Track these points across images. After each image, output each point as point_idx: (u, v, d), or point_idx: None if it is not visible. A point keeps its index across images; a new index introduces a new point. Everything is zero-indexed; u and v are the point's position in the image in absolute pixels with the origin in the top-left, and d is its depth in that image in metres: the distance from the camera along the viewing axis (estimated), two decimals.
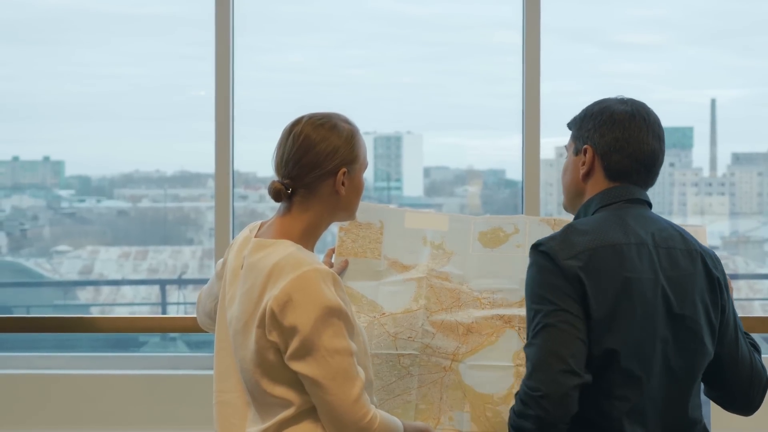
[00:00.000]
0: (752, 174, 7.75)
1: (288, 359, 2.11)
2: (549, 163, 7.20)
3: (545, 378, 2.01)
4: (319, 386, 2.10)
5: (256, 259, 2.18)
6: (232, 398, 2.27)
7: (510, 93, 3.94)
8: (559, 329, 2.03)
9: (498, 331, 2.70)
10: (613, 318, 2.06)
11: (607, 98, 2.29)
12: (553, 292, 2.07)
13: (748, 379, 2.26)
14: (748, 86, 6.20)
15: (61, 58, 6.25)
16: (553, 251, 2.09)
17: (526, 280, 2.16)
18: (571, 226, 2.18)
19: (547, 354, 2.02)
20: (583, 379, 2.02)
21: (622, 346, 2.06)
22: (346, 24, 5.84)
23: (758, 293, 7.07)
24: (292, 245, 2.18)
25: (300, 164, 2.22)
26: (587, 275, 2.06)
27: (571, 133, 2.32)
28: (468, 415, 2.65)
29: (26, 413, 3.80)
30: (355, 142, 2.26)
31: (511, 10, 3.89)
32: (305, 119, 2.26)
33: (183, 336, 5.82)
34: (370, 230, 2.78)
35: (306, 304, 2.09)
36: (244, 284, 2.19)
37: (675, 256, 2.15)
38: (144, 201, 8.11)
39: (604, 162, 2.22)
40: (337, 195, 2.24)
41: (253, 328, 2.14)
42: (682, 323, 2.13)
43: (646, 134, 2.22)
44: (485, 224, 2.80)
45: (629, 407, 2.08)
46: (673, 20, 5.72)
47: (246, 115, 4.09)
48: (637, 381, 2.08)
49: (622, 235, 2.12)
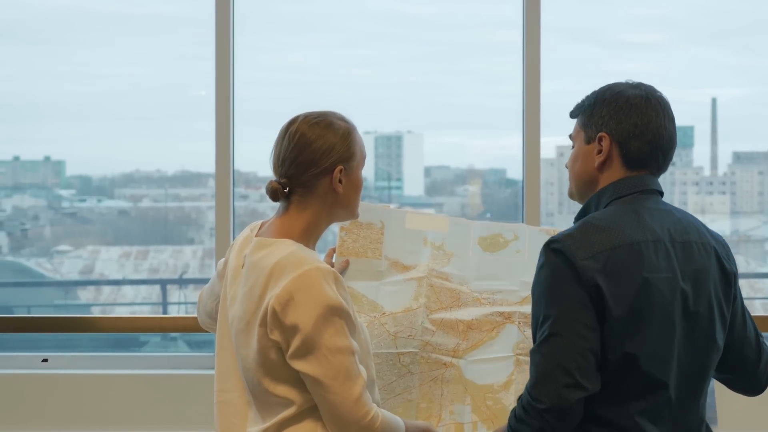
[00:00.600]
0: (753, 173, 7.74)
1: (290, 358, 2.11)
2: (549, 162, 7.20)
3: (549, 391, 1.97)
4: (321, 385, 2.10)
5: (258, 258, 2.18)
6: (232, 398, 2.26)
7: (511, 92, 3.94)
8: (566, 339, 1.98)
9: (498, 327, 2.71)
10: (632, 321, 2.01)
11: (615, 83, 2.21)
12: (564, 299, 2.00)
13: (755, 362, 2.24)
14: (749, 85, 6.19)
15: (62, 58, 6.25)
16: (570, 250, 2.02)
17: (535, 279, 2.10)
18: (587, 222, 2.10)
19: (553, 366, 1.97)
20: (588, 391, 1.98)
21: (641, 350, 2.01)
22: (347, 23, 5.83)
23: (759, 292, 7.08)
24: (293, 244, 2.18)
25: (296, 163, 2.22)
26: (606, 277, 2.00)
27: (579, 122, 2.23)
28: (469, 407, 2.66)
29: (27, 413, 3.80)
30: (351, 140, 2.25)
31: (513, 10, 3.89)
32: (301, 118, 2.26)
33: (184, 336, 5.82)
34: (371, 230, 2.78)
35: (307, 303, 2.09)
36: (246, 283, 2.19)
37: (691, 250, 2.10)
38: (145, 201, 8.11)
39: (622, 150, 2.14)
40: (335, 193, 2.24)
41: (255, 327, 2.14)
42: (696, 321, 2.08)
43: (663, 118, 2.15)
44: (485, 230, 2.80)
45: (645, 407, 2.04)
46: (674, 19, 5.72)
47: (247, 115, 4.09)
48: (657, 383, 2.04)
49: (640, 233, 2.06)
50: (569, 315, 1.99)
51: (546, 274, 2.06)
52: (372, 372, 2.27)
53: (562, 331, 1.98)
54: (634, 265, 2.03)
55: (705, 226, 2.20)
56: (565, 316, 1.99)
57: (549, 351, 1.99)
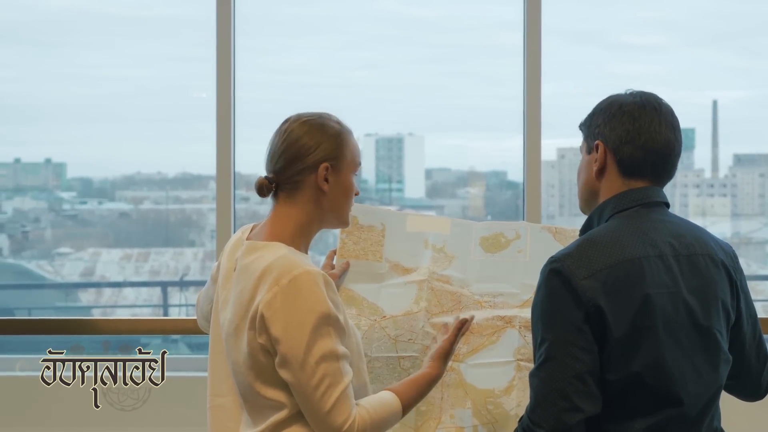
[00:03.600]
0: (754, 175, 7.74)
1: (276, 365, 2.10)
2: (551, 164, 7.20)
3: (548, 415, 1.96)
4: (301, 393, 2.08)
5: (248, 262, 2.17)
6: (226, 402, 2.26)
7: (513, 95, 3.94)
8: (563, 364, 1.97)
9: (499, 331, 2.70)
10: (633, 339, 1.99)
11: (616, 93, 2.21)
12: (561, 322, 1.99)
13: (759, 368, 2.24)
14: (750, 88, 6.19)
15: (63, 60, 6.25)
16: (569, 270, 2.01)
17: (534, 300, 2.09)
18: (586, 239, 2.09)
19: (550, 391, 1.97)
20: (587, 413, 1.97)
21: (645, 367, 2.00)
22: (350, 26, 5.84)
23: (760, 294, 7.07)
24: (284, 247, 2.16)
25: (283, 157, 2.21)
26: (606, 296, 1.99)
27: (582, 134, 2.25)
28: (470, 411, 2.65)
29: (28, 415, 3.80)
30: (341, 140, 2.23)
31: (515, 12, 3.90)
32: (294, 117, 2.26)
33: (184, 338, 5.82)
34: (371, 233, 2.77)
35: (295, 311, 2.07)
36: (236, 287, 2.18)
37: (697, 263, 2.09)
38: (146, 203, 8.11)
39: (616, 156, 2.14)
40: (321, 192, 2.22)
41: (245, 330, 2.13)
42: (709, 335, 2.07)
43: (657, 124, 2.13)
44: (487, 229, 2.79)
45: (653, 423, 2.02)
46: (675, 22, 5.72)
47: (250, 117, 4.09)
48: (666, 399, 2.02)
49: (641, 248, 2.04)
50: (565, 339, 1.98)
51: (544, 295, 2.05)
52: (364, 376, 2.25)
53: (558, 356, 1.98)
54: (635, 282, 2.01)
55: (713, 237, 2.19)
56: (561, 340, 1.99)
57: (546, 375, 1.98)
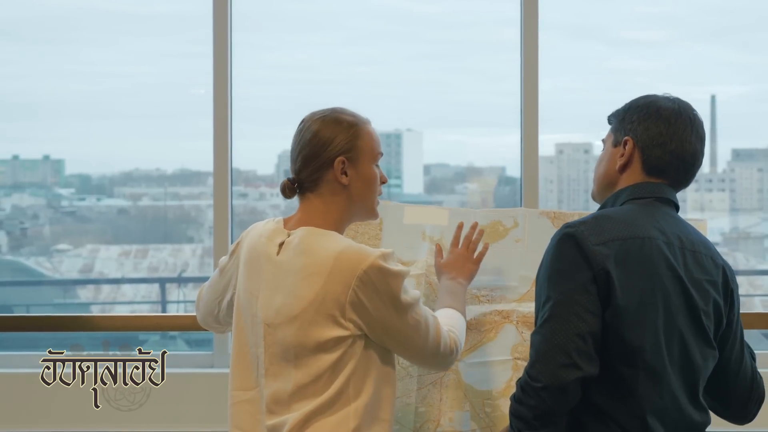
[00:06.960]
0: (752, 170, 7.75)
1: (375, 339, 2.16)
2: (548, 160, 7.20)
3: (546, 370, 2.00)
4: (410, 348, 2.21)
5: (308, 247, 2.16)
6: (252, 396, 2.24)
7: (511, 90, 3.93)
8: (567, 321, 2.01)
9: (497, 327, 2.69)
10: (637, 312, 2.04)
11: (653, 94, 2.26)
12: (570, 281, 2.03)
13: (747, 393, 2.27)
14: (748, 83, 6.20)
15: (61, 57, 6.25)
16: (583, 235, 2.06)
17: (543, 260, 2.13)
18: (601, 213, 2.16)
19: (551, 346, 2.00)
20: (585, 372, 2.00)
21: (646, 342, 2.04)
22: (350, 22, 5.84)
23: (758, 289, 7.08)
24: (342, 236, 2.20)
25: (300, 157, 2.22)
26: (616, 265, 2.03)
27: (612, 126, 2.30)
28: (468, 414, 2.64)
29: (27, 412, 3.80)
30: (354, 132, 2.23)
31: (514, 8, 3.89)
32: (308, 116, 2.27)
33: (183, 334, 5.82)
34: (369, 226, 2.76)
35: (386, 288, 2.12)
36: (296, 273, 2.16)
37: (700, 259, 2.14)
38: (144, 199, 8.12)
39: (643, 155, 2.20)
40: (342, 186, 2.22)
41: (314, 314, 2.12)
42: (702, 326, 2.11)
43: (690, 133, 2.21)
44: (485, 218, 2.77)
45: (652, 405, 2.06)
46: (675, 17, 5.72)
47: (250, 113, 4.09)
48: (660, 379, 2.06)
49: (653, 230, 2.10)
50: (571, 297, 2.03)
51: (555, 255, 2.09)
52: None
53: (563, 313, 2.02)
54: (645, 259, 2.07)
55: (716, 249, 2.23)
56: (566, 299, 2.03)
57: (548, 332, 2.02)
